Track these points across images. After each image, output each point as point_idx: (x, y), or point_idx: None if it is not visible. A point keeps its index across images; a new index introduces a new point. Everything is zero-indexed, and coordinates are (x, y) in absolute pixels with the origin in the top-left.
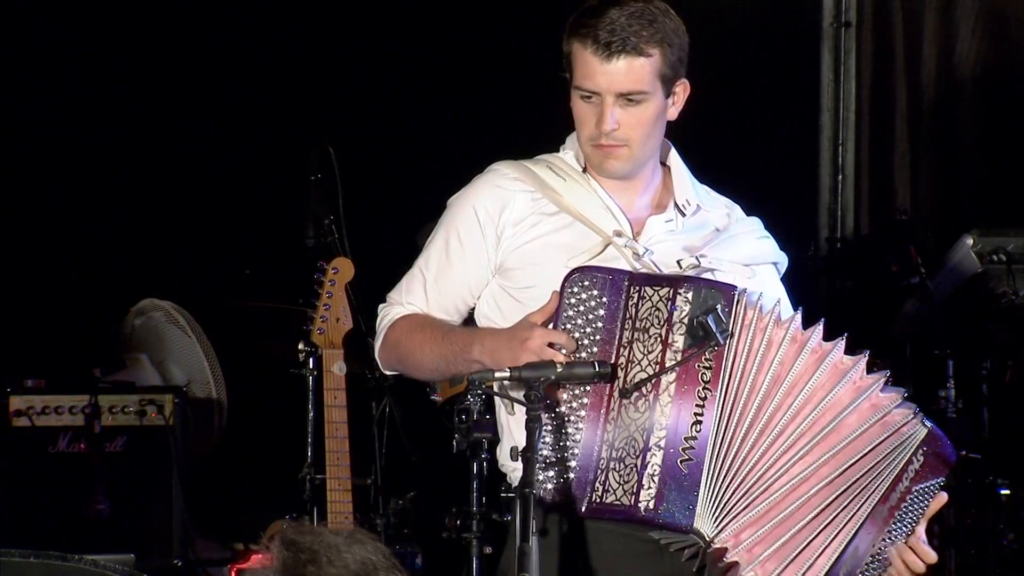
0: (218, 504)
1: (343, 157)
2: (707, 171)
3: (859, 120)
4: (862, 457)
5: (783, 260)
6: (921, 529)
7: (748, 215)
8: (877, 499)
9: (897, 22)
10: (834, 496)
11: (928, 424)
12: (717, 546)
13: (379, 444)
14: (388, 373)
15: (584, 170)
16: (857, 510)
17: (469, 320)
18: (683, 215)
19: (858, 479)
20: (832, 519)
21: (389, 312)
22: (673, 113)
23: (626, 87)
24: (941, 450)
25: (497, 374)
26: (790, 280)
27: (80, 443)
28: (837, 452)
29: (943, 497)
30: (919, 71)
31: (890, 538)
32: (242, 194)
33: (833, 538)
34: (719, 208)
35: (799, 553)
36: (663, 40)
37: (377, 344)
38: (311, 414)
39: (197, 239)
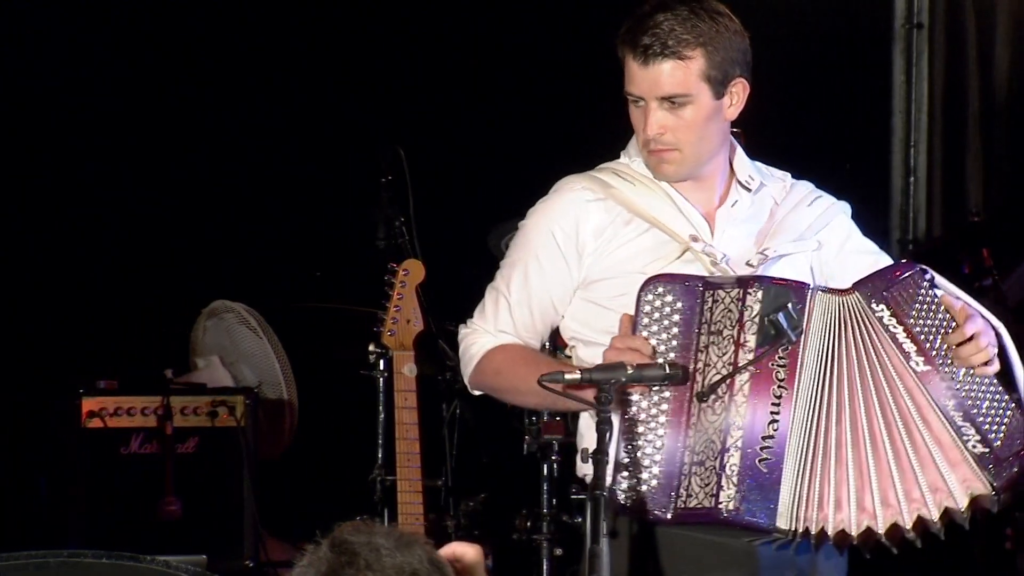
0: (289, 505)
1: (414, 159)
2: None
3: (931, 122)
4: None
5: (845, 207)
6: (969, 325)
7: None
8: (902, 371)
9: (969, 23)
10: (883, 416)
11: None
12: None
13: (450, 445)
14: (476, 393)
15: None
16: (909, 393)
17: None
18: (748, 190)
19: (873, 381)
20: (908, 426)
21: (478, 340)
22: (732, 113)
23: (666, 91)
24: (875, 281)
25: (568, 376)
26: None
27: (152, 444)
28: (852, 386)
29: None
30: (991, 72)
31: (959, 368)
32: (313, 196)
33: (928, 439)
34: (776, 182)
35: (926, 484)
36: (705, 42)
37: (468, 370)
38: (382, 415)
39: (268, 241)
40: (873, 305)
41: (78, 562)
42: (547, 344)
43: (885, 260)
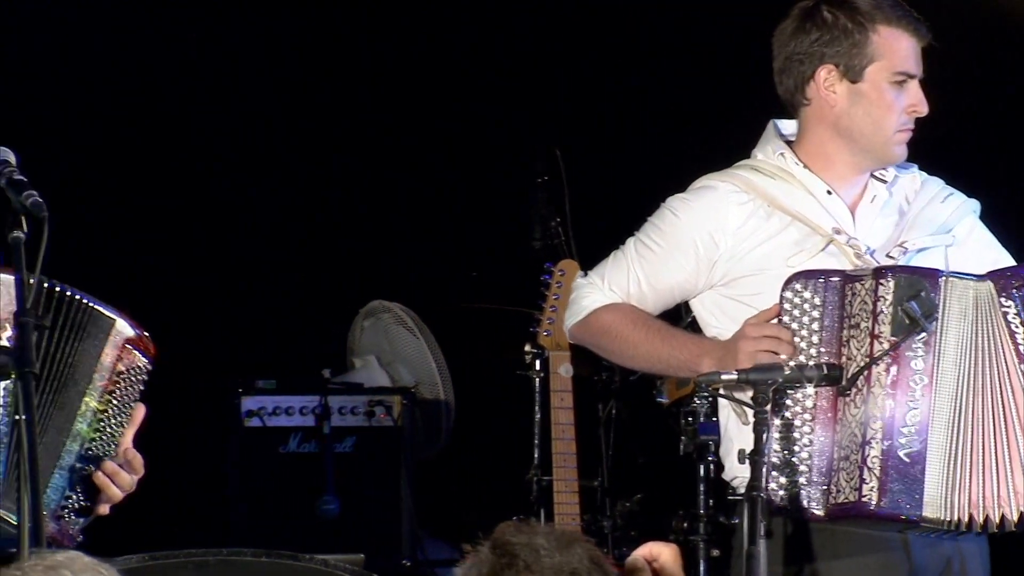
0: (446, 505)
1: (570, 159)
2: (951, 171)
3: None
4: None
5: (975, 205)
6: None
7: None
8: (1012, 370)
9: None
10: (992, 411)
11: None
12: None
13: (606, 446)
14: (571, 342)
15: (805, 167)
16: (1014, 394)
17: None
18: (884, 182)
19: (988, 374)
20: (1008, 426)
21: (591, 293)
22: None
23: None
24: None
25: (724, 376)
26: None
27: (310, 443)
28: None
29: None
30: None
31: None
32: (469, 196)
33: (1022, 443)
34: (906, 174)
35: (1015, 484)
36: None
37: (573, 319)
38: (538, 416)
39: (425, 241)
40: (1002, 299)
41: (237, 560)
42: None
43: (1006, 257)
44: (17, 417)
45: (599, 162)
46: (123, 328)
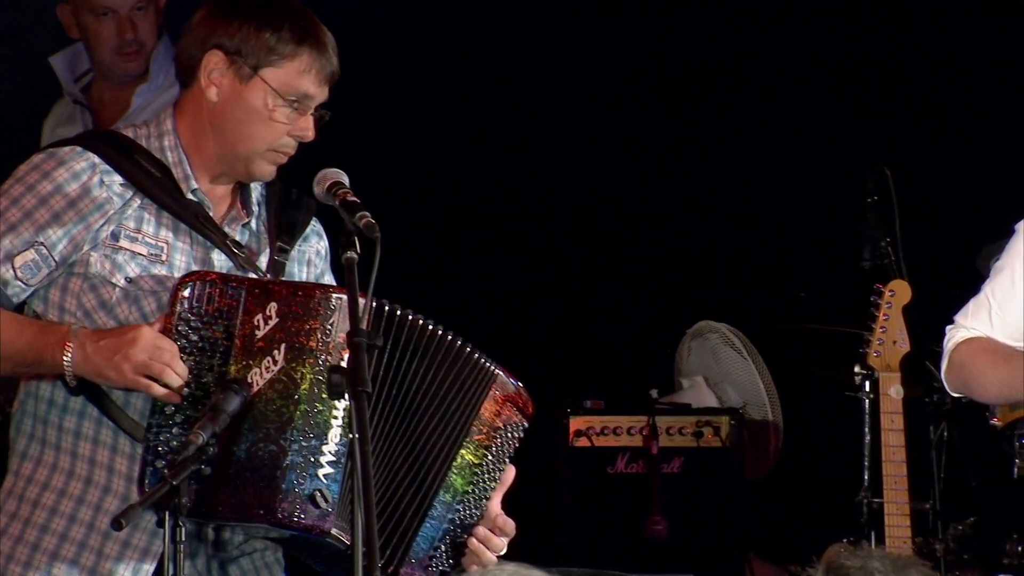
0: (775, 526)
1: (901, 178)
2: None
3: None
4: None
5: None
6: None
7: None
8: None
9: None
10: None
11: None
12: None
13: (938, 468)
14: (955, 395)
15: None
16: None
17: None
18: None
19: None
20: None
21: (954, 335)
22: None
23: None
24: None
25: None
26: None
27: (638, 464)
28: None
29: None
30: None
31: None
32: (798, 216)
33: None
34: None
35: None
36: None
37: (943, 365)
38: (868, 437)
39: (753, 261)
40: None
41: None
42: None
43: None
44: (351, 435)
45: (930, 181)
46: (504, 383)
